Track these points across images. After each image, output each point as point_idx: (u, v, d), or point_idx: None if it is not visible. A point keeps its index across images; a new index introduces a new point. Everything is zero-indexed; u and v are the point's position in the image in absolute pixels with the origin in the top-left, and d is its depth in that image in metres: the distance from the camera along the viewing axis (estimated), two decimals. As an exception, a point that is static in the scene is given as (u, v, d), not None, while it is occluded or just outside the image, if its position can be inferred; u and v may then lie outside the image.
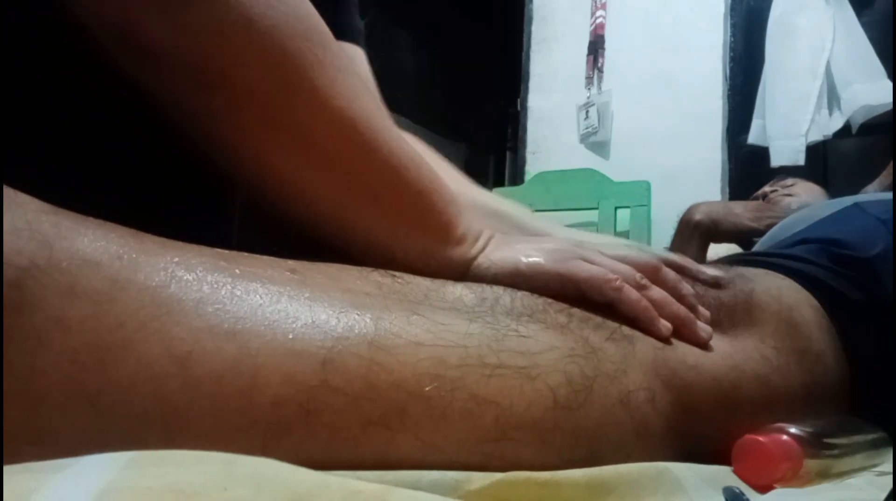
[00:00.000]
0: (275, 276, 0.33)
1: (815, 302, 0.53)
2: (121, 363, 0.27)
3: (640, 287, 0.44)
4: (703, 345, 0.44)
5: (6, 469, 0.23)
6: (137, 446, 0.25)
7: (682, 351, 0.43)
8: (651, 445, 0.38)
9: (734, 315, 0.49)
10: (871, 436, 0.45)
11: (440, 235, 0.45)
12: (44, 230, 0.28)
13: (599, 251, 0.46)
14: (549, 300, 0.41)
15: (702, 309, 0.47)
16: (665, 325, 0.43)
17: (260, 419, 0.28)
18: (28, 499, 0.21)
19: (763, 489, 0.37)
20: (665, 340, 0.43)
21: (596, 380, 0.36)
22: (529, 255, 0.45)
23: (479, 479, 0.29)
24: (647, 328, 0.43)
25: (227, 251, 0.34)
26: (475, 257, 0.45)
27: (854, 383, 0.51)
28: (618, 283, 0.43)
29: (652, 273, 0.46)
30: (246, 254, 0.34)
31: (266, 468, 0.25)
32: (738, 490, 0.35)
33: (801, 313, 0.51)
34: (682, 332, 0.44)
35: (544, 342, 0.36)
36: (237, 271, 0.32)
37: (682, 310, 0.45)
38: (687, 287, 0.47)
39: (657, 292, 0.45)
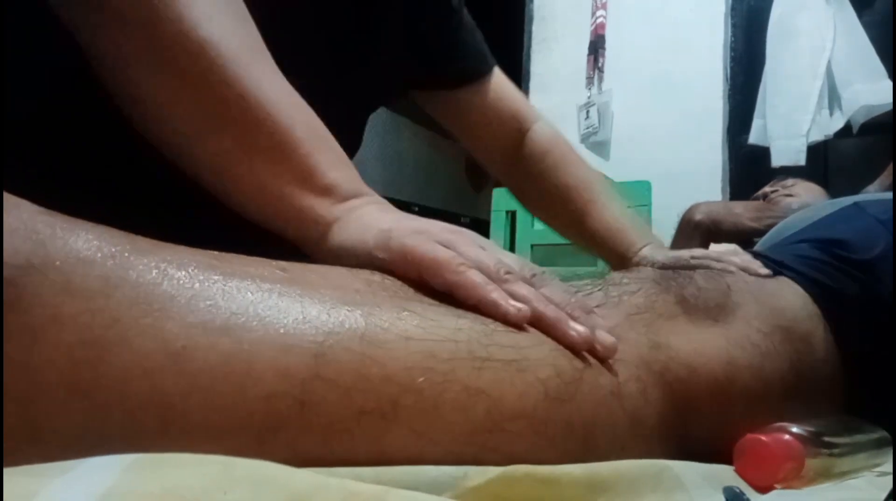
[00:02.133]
0: (265, 274, 0.33)
1: (809, 299, 0.53)
2: (115, 358, 0.27)
3: (498, 279, 0.37)
4: (575, 350, 0.37)
5: (6, 471, 0.23)
6: (133, 440, 0.25)
7: (676, 348, 0.43)
8: (645, 437, 0.38)
9: (726, 310, 0.49)
10: (872, 436, 0.45)
11: (298, 177, 0.43)
12: (39, 230, 0.28)
13: (479, 245, 0.40)
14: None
15: (597, 320, 0.40)
16: (516, 306, 0.36)
17: (255, 412, 0.28)
18: (28, 502, 0.21)
19: (764, 489, 0.37)
20: (516, 324, 0.36)
21: (585, 372, 0.36)
22: (383, 226, 0.41)
23: (477, 475, 0.29)
24: (493, 314, 0.36)
25: (217, 252, 0.34)
26: (337, 219, 0.43)
27: (848, 379, 0.51)
28: (461, 267, 0.37)
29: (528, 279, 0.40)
30: (236, 255, 0.35)
31: (265, 470, 0.25)
32: (738, 490, 0.35)
33: (795, 310, 0.51)
34: (551, 333, 0.37)
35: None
36: (228, 269, 0.32)
37: (549, 309, 0.37)
38: (566, 295, 0.40)
39: (522, 288, 0.38)
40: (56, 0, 0.44)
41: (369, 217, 0.43)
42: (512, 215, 2.20)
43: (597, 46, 2.50)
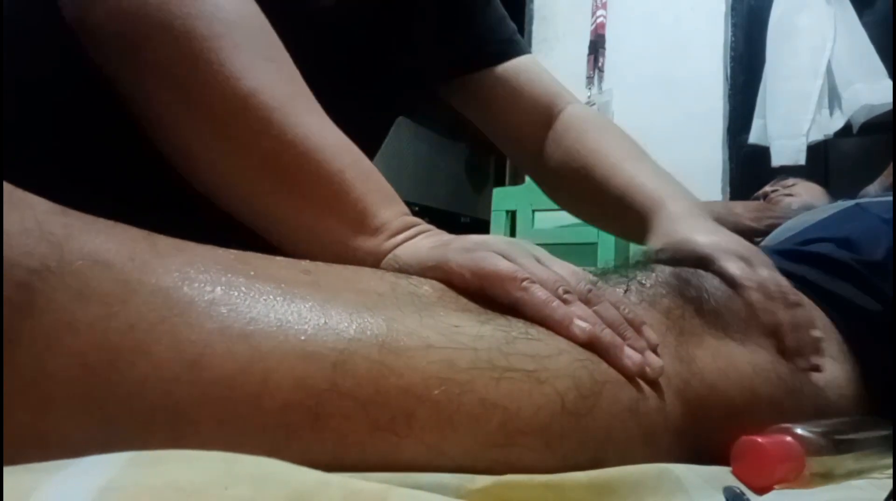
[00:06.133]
0: (288, 277, 0.33)
1: (823, 316, 0.52)
2: (130, 367, 0.27)
3: (560, 298, 0.38)
4: (629, 376, 0.37)
5: (6, 469, 0.23)
6: (145, 449, 0.25)
7: (701, 363, 0.42)
8: (658, 454, 0.37)
9: (749, 329, 0.48)
10: (885, 434, 0.44)
11: (352, 222, 0.43)
12: (55, 231, 0.28)
13: (535, 257, 0.40)
14: None
15: (649, 334, 0.40)
16: (581, 327, 0.37)
17: (268, 423, 0.28)
18: (28, 497, 0.21)
19: (763, 490, 0.37)
20: (585, 344, 0.37)
21: (605, 386, 0.35)
22: (435, 247, 0.42)
23: (481, 479, 0.29)
24: (560, 332, 0.37)
25: (240, 252, 0.33)
26: (389, 251, 0.43)
27: (865, 391, 0.50)
28: (525, 283, 0.37)
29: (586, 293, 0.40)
30: (260, 255, 0.34)
31: (267, 466, 0.25)
32: (738, 490, 0.35)
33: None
34: (605, 358, 0.37)
35: (554, 346, 0.35)
36: (251, 272, 0.32)
37: (605, 333, 0.38)
38: (618, 312, 0.40)
39: (579, 309, 0.38)
40: (102, 60, 0.44)
41: (422, 241, 0.43)
42: (512, 215, 2.20)
43: (597, 46, 2.50)
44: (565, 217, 2.16)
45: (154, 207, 0.42)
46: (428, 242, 0.43)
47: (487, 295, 0.38)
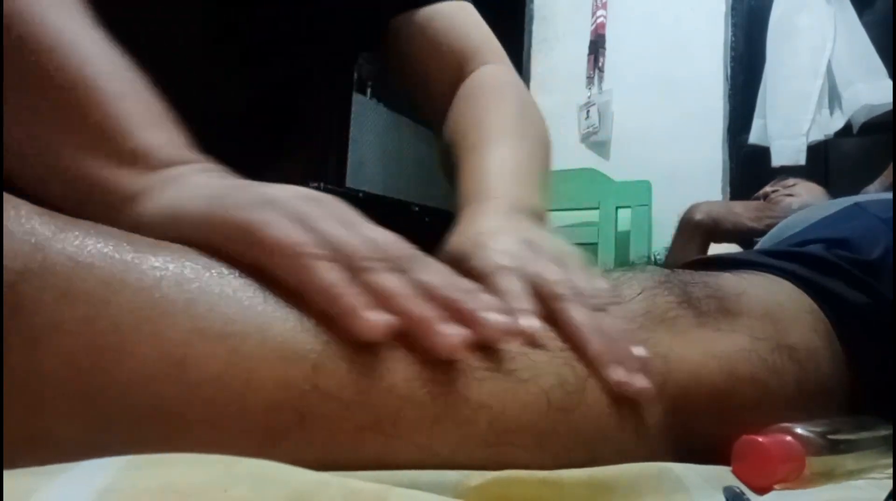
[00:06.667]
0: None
1: (812, 305, 0.52)
2: (117, 366, 0.27)
3: (358, 268, 0.30)
4: (440, 353, 0.31)
5: (6, 472, 0.23)
6: (135, 449, 0.25)
7: (679, 355, 0.42)
8: (651, 446, 0.37)
9: (728, 316, 0.48)
10: (885, 433, 0.44)
11: (91, 140, 0.34)
12: (37, 233, 0.28)
13: (341, 217, 0.32)
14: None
15: (484, 299, 0.34)
16: (368, 321, 0.29)
17: (256, 422, 0.28)
18: (28, 499, 0.21)
19: (763, 490, 0.37)
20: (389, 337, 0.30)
21: (589, 381, 0.35)
22: (213, 191, 0.33)
23: (478, 476, 0.29)
24: (346, 328, 0.29)
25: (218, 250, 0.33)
26: (152, 190, 0.34)
27: (856, 385, 0.50)
28: (310, 260, 0.29)
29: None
30: None
31: (266, 468, 0.25)
32: (738, 490, 0.35)
33: (796, 315, 0.50)
34: (417, 336, 0.31)
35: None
36: (225, 269, 0.31)
37: (417, 306, 0.30)
38: (446, 280, 0.33)
39: (387, 278, 0.30)
40: None
41: (196, 184, 0.34)
42: (512, 215, 2.20)
43: (597, 46, 2.50)
44: (565, 217, 2.16)
45: None
46: (206, 183, 0.34)
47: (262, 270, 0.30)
